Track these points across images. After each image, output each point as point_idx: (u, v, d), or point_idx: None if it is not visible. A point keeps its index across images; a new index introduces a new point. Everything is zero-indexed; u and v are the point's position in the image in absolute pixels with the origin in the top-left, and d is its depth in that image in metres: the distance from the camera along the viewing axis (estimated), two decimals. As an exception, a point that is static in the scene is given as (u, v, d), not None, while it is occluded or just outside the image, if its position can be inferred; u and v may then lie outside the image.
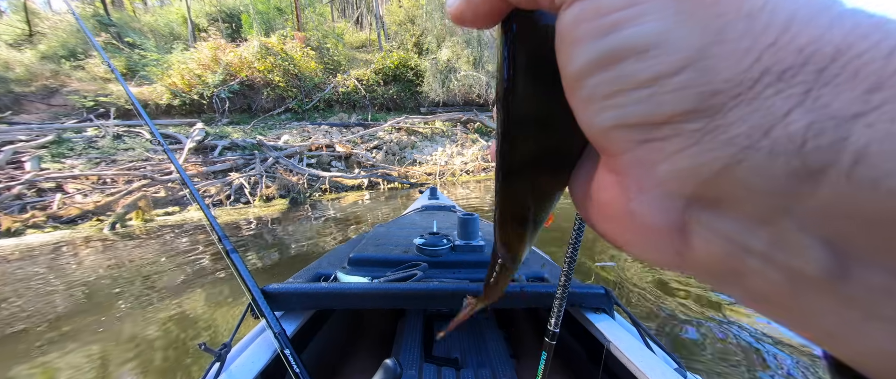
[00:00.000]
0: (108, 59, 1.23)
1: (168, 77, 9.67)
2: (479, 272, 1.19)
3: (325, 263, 1.29)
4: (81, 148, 7.10)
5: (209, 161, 7.32)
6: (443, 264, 1.21)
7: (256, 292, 0.81)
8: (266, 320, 0.76)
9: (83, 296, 2.81)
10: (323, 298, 0.90)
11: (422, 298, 0.89)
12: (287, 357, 0.70)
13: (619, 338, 0.81)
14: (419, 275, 1.07)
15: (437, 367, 1.04)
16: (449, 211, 2.31)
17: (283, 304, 0.89)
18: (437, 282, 0.97)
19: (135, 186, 5.71)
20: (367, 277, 1.08)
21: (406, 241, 1.43)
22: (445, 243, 1.27)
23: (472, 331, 1.24)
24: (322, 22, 13.49)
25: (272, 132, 9.57)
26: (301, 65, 11.02)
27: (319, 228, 4.68)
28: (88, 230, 4.60)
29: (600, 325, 0.87)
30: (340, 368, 1.18)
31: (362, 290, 0.90)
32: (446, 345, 1.15)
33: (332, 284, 0.95)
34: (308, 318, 0.96)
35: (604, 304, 0.93)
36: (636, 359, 0.73)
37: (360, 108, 11.50)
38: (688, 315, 2.22)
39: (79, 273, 3.27)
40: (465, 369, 1.03)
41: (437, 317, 1.30)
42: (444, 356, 1.10)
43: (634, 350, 0.76)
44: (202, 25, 13.00)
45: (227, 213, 5.77)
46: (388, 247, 1.37)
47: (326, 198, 6.99)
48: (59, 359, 2.00)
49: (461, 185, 8.06)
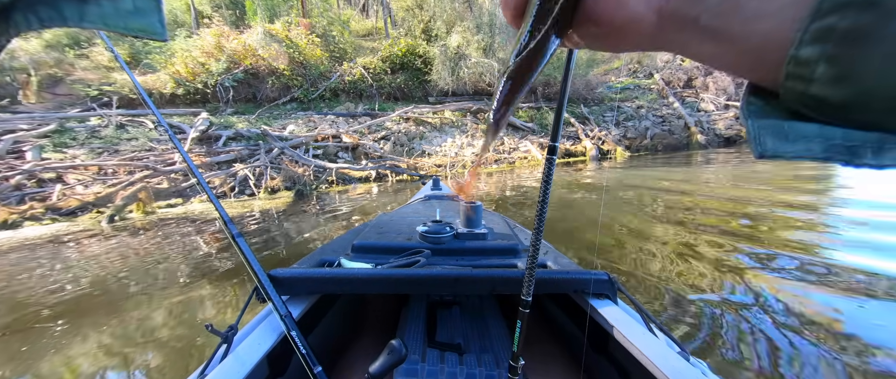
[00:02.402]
0: (111, 46, 1.19)
1: (171, 65, 9.44)
2: (481, 259, 1.19)
3: (328, 250, 1.28)
4: (84, 137, 6.94)
5: (213, 152, 7.12)
6: (446, 251, 1.22)
7: (262, 276, 0.81)
8: (272, 303, 0.76)
9: (83, 289, 2.61)
10: (328, 283, 0.90)
11: (425, 283, 0.90)
12: (293, 339, 0.71)
13: (623, 323, 0.80)
14: (422, 261, 1.06)
15: (441, 352, 1.04)
16: (452, 201, 2.31)
17: (289, 288, 0.89)
18: (440, 268, 0.99)
19: (137, 177, 5.52)
20: (370, 264, 1.08)
21: (409, 229, 1.44)
22: (448, 231, 1.27)
23: (475, 317, 1.25)
24: (327, 9, 13.10)
25: (277, 122, 9.33)
26: (306, 52, 10.71)
27: (326, 220, 4.45)
28: (87, 223, 4.42)
29: (604, 310, 0.87)
30: (345, 352, 1.18)
31: (366, 275, 0.91)
32: (449, 331, 1.15)
33: (337, 270, 0.96)
34: (313, 303, 0.96)
35: (607, 289, 0.93)
36: (640, 344, 0.72)
37: (367, 98, 11.18)
38: (693, 300, 2.22)
39: (66, 274, 3.07)
40: (467, 355, 1.03)
41: (440, 304, 1.30)
42: (448, 342, 1.09)
43: (638, 336, 0.75)
44: (206, 12, 12.72)
45: (232, 205, 5.57)
46: (391, 234, 1.37)
47: (333, 190, 6.76)
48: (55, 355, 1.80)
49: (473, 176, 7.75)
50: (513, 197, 5.51)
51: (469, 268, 1.04)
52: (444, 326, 1.17)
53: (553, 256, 1.24)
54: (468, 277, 0.92)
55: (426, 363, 0.98)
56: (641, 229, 3.47)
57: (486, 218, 1.55)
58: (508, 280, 0.91)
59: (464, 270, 0.97)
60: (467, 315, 1.26)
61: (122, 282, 2.81)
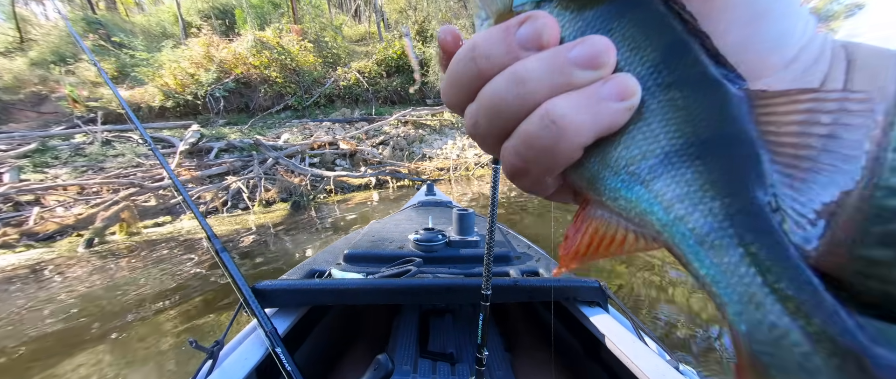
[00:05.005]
0: (93, 58, 1.14)
1: (159, 77, 9.12)
2: (474, 267, 1.18)
3: (319, 259, 1.26)
4: (67, 155, 6.60)
5: (205, 164, 6.78)
6: (438, 259, 1.21)
7: (246, 290, 0.81)
8: (257, 320, 0.76)
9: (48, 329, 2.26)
10: (316, 295, 0.90)
11: (417, 293, 0.90)
12: (278, 356, 0.71)
13: (614, 331, 0.81)
14: (413, 270, 1.06)
15: (433, 361, 1.03)
16: (445, 207, 2.28)
17: (276, 300, 0.88)
18: (433, 277, 1.00)
19: (121, 196, 5.17)
20: (361, 274, 1.07)
21: (401, 237, 1.44)
22: (441, 239, 1.27)
23: (467, 326, 1.25)
24: (319, 14, 12.81)
25: (271, 131, 9.00)
26: (299, 59, 10.41)
27: (326, 233, 4.12)
28: (65, 248, 4.07)
29: (594, 318, 0.87)
30: (337, 364, 1.17)
31: (356, 285, 0.91)
32: (442, 340, 1.15)
33: (326, 281, 0.95)
34: (302, 314, 0.96)
35: (598, 297, 0.94)
36: (630, 352, 0.73)
37: (363, 102, 10.87)
38: (682, 309, 2.22)
39: (31, 314, 2.72)
40: (460, 364, 1.03)
41: (433, 313, 1.30)
42: (440, 351, 1.09)
43: (629, 344, 0.76)
44: (195, 23, 12.42)
45: (224, 222, 5.22)
46: (382, 243, 1.37)
47: (332, 200, 6.41)
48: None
49: (477, 179, 7.41)
50: (515, 199, 5.17)
51: (461, 276, 1.03)
52: (436, 335, 1.17)
53: (545, 262, 1.23)
54: (461, 285, 0.91)
55: (418, 374, 0.98)
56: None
57: (479, 225, 1.54)
58: (501, 288, 0.89)
59: (456, 278, 0.97)
60: (460, 324, 1.26)
61: (89, 318, 2.45)
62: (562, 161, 0.15)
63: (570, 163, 0.15)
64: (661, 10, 0.14)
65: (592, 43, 0.14)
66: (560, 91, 0.14)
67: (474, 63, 0.16)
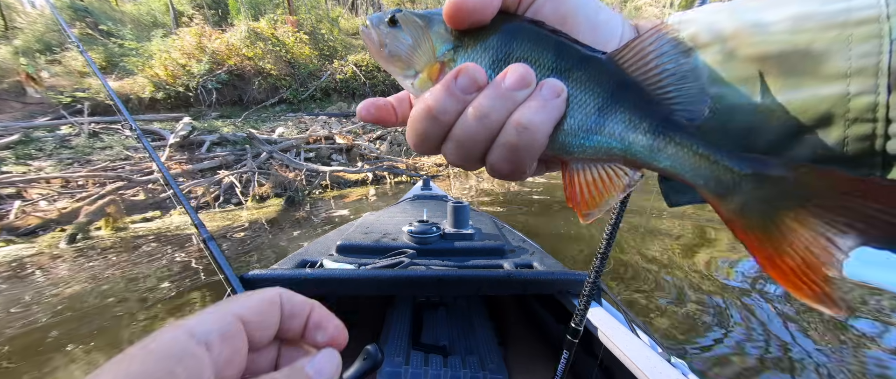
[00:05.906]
0: (79, 45, 1.11)
1: (150, 68, 8.84)
2: (468, 260, 1.18)
3: (311, 250, 1.25)
4: (52, 148, 6.36)
5: (196, 158, 6.58)
6: (432, 252, 1.21)
7: (234, 280, 0.80)
8: None
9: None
10: (306, 285, 0.88)
11: (410, 284, 0.90)
12: None
13: (607, 324, 0.82)
14: (406, 262, 1.06)
15: (425, 354, 1.03)
16: (440, 200, 2.27)
17: None
18: (426, 269, 0.99)
19: (108, 189, 4.97)
20: (354, 265, 1.08)
21: (395, 229, 1.42)
22: (435, 231, 1.26)
23: (460, 318, 1.25)
24: (315, 5, 12.52)
25: (266, 125, 8.78)
26: (294, 51, 10.15)
27: (321, 229, 3.98)
28: (46, 244, 3.88)
29: (588, 311, 0.85)
30: None
31: (348, 276, 0.90)
32: (435, 332, 1.15)
33: (317, 271, 0.94)
34: None
35: None
36: (623, 345, 0.74)
37: (360, 97, 10.66)
38: (676, 300, 2.26)
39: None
40: (452, 356, 1.03)
41: (426, 305, 1.30)
42: (433, 343, 1.10)
43: (621, 337, 0.77)
44: (187, 12, 12.08)
45: (216, 217, 5.04)
46: (376, 234, 1.35)
47: (328, 195, 6.25)
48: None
49: (476, 175, 7.28)
50: (518, 196, 5.06)
51: (455, 268, 1.04)
52: (429, 327, 1.17)
53: (539, 256, 1.23)
54: (454, 277, 0.91)
55: (410, 366, 0.97)
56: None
57: (474, 218, 1.54)
58: (495, 281, 0.90)
59: (449, 270, 0.96)
60: (453, 316, 1.26)
61: (75, 314, 2.29)
62: (538, 148, 0.21)
63: (544, 146, 0.21)
64: (534, 29, 0.21)
65: (515, 71, 0.20)
66: (512, 110, 0.20)
67: (436, 121, 0.21)
